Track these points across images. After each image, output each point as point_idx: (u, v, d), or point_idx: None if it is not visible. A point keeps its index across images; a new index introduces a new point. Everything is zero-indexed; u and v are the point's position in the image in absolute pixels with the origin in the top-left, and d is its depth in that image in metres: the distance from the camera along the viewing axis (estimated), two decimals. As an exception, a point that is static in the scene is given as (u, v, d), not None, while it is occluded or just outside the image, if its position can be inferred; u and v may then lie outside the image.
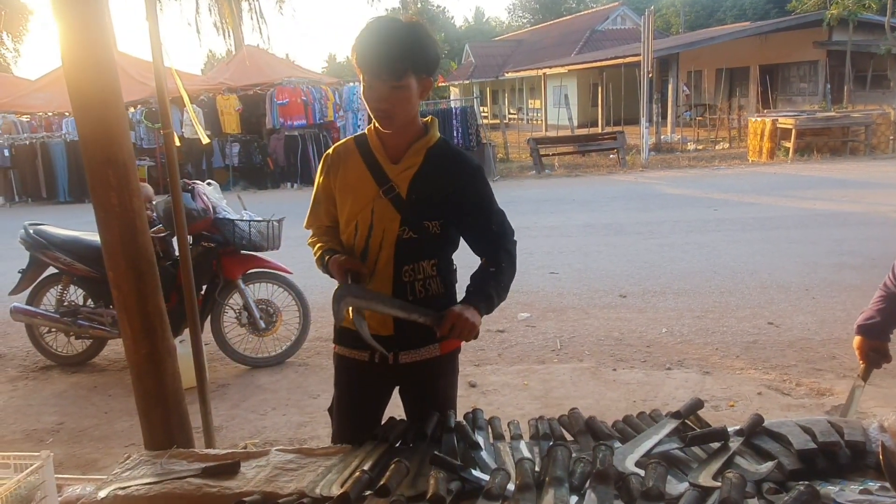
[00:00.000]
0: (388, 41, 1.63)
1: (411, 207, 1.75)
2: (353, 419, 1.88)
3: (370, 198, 1.77)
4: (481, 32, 54.75)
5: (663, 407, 2.72)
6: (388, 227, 1.76)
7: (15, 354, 5.04)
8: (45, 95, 14.52)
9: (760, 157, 14.74)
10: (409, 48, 1.64)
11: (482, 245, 1.86)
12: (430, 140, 1.79)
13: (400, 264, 1.77)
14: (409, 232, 1.76)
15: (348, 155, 1.83)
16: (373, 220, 1.77)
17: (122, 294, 2.07)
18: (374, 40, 1.64)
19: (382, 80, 1.64)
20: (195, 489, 1.55)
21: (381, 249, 1.77)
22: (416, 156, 1.77)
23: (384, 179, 1.76)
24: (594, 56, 26.17)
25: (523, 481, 1.26)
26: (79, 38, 1.97)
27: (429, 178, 1.77)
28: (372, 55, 1.64)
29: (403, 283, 1.78)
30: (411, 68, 1.65)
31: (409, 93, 1.67)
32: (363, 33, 1.66)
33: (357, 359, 1.86)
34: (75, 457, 3.39)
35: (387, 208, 1.75)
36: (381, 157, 1.78)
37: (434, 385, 1.89)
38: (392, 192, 1.75)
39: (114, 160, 2.00)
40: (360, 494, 1.29)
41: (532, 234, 8.53)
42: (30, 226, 4.53)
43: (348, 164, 1.81)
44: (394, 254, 1.77)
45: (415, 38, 1.66)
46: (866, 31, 21.81)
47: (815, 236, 7.36)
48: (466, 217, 1.81)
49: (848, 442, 1.42)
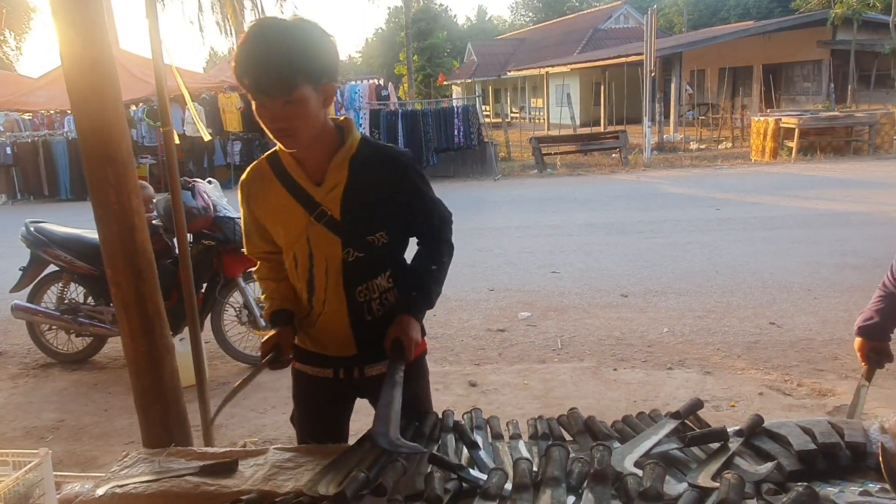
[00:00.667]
0: (269, 51, 1.42)
1: (350, 228, 1.61)
2: (319, 434, 1.80)
3: (302, 226, 1.62)
4: (484, 31, 54.75)
5: (664, 407, 2.71)
6: (330, 253, 1.63)
7: (16, 352, 5.05)
8: (46, 93, 14.53)
9: (763, 157, 14.71)
10: (295, 55, 1.43)
11: (425, 241, 1.75)
12: (350, 148, 1.61)
13: (351, 287, 1.66)
14: (355, 253, 1.63)
15: (265, 181, 1.65)
16: (311, 249, 1.63)
17: (120, 292, 2.07)
18: (253, 53, 1.43)
19: (272, 96, 1.45)
20: (193, 487, 1.55)
21: (327, 277, 1.65)
22: (340, 171, 1.60)
23: (312, 204, 1.60)
24: (597, 55, 26.15)
25: (520, 481, 1.25)
26: (77, 37, 1.97)
27: (360, 190, 1.61)
28: (253, 70, 1.43)
29: (359, 304, 1.68)
30: (303, 78, 1.44)
31: (306, 106, 1.48)
32: (241, 47, 1.45)
33: (320, 376, 1.78)
34: (75, 454, 3.39)
35: (323, 234, 1.61)
36: (302, 180, 1.61)
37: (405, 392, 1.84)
38: (325, 217, 1.60)
39: (112, 158, 2.00)
40: (356, 493, 1.28)
41: (533, 233, 8.53)
42: (31, 223, 4.54)
43: (268, 192, 1.64)
44: (342, 279, 1.65)
45: (300, 42, 1.45)
46: (870, 30, 21.77)
47: (818, 236, 7.34)
48: (408, 216, 1.69)
49: (848, 443, 1.41)
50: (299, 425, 1.88)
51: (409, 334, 1.61)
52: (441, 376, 4.13)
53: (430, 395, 1.92)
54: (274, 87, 1.44)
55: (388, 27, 51.75)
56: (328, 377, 1.78)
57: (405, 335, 1.60)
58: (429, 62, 37.88)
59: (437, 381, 4.07)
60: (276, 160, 1.66)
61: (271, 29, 1.46)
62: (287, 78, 1.43)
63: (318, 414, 1.84)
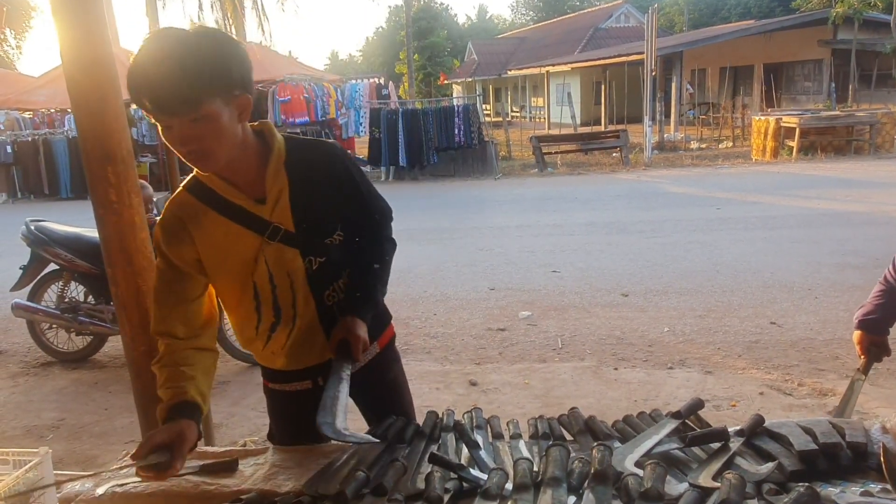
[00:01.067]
0: (169, 65, 1.26)
1: (306, 237, 1.53)
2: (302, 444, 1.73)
3: (255, 250, 1.51)
4: (484, 30, 54.74)
5: (665, 406, 2.71)
6: (291, 267, 1.54)
7: (16, 350, 5.05)
8: (47, 92, 14.54)
9: (764, 156, 14.70)
10: (198, 66, 1.28)
11: (365, 237, 1.65)
12: (279, 153, 1.50)
13: (319, 294, 1.60)
14: (316, 260, 1.56)
15: (195, 215, 1.49)
16: (270, 271, 1.54)
17: (120, 290, 2.07)
18: (150, 68, 1.27)
19: (178, 114, 1.30)
20: (193, 486, 1.54)
21: (294, 293, 1.57)
22: (278, 179, 1.49)
23: (262, 224, 1.49)
24: (597, 54, 26.17)
25: (521, 481, 1.25)
26: (77, 36, 1.97)
27: (304, 195, 1.52)
28: (152, 87, 1.27)
29: (329, 308, 1.62)
30: (210, 91, 1.30)
31: (217, 122, 1.33)
32: (134, 63, 1.29)
33: (299, 389, 1.72)
34: (75, 453, 3.40)
35: (281, 251, 1.52)
36: (242, 202, 1.48)
37: (384, 379, 1.81)
38: (279, 233, 1.50)
39: (112, 157, 2.00)
40: (357, 493, 1.28)
41: (534, 232, 8.53)
42: (31, 222, 4.54)
43: (204, 226, 1.49)
44: (309, 289, 1.58)
45: (203, 51, 1.30)
46: (871, 29, 21.75)
47: (819, 236, 7.34)
48: (352, 214, 1.60)
49: (849, 443, 1.40)
50: (280, 441, 1.81)
51: (356, 333, 1.54)
52: (441, 375, 4.13)
53: (406, 379, 1.91)
54: (178, 104, 1.28)
55: (389, 26, 51.76)
56: (307, 388, 1.71)
57: (351, 335, 1.54)
58: (429, 61, 37.90)
59: (438, 381, 4.07)
60: (201, 188, 1.50)
61: (168, 40, 1.30)
62: (192, 92, 1.28)
63: (298, 428, 1.74)
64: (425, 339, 4.81)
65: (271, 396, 1.82)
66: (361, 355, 1.57)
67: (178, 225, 1.50)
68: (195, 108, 1.30)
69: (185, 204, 1.51)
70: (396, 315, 1.89)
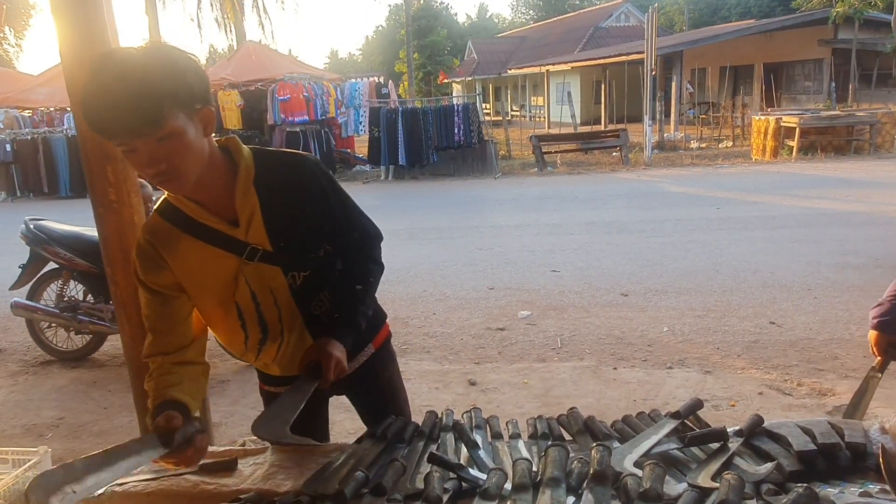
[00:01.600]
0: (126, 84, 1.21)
1: (286, 255, 1.50)
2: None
3: (234, 271, 1.48)
4: (484, 29, 54.70)
5: (664, 406, 2.71)
6: (274, 285, 1.52)
7: (15, 349, 5.05)
8: (46, 90, 14.57)
9: (764, 156, 14.70)
10: (156, 82, 1.23)
11: (347, 256, 1.61)
12: (248, 170, 1.45)
13: (305, 307, 1.57)
14: (300, 275, 1.53)
15: (171, 240, 1.46)
16: (252, 290, 1.51)
17: (119, 289, 2.07)
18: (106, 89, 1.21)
19: (142, 134, 1.24)
20: (192, 486, 1.54)
21: (279, 309, 1.55)
22: (247, 199, 1.45)
23: (239, 246, 1.46)
24: (597, 53, 26.16)
25: (520, 481, 1.25)
26: (77, 34, 1.97)
27: (278, 212, 1.47)
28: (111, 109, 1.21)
29: (317, 318, 1.60)
30: (171, 105, 1.25)
31: (183, 139, 1.29)
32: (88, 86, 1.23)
33: None
34: (75, 452, 3.39)
35: (261, 270, 1.49)
36: (215, 224, 1.45)
37: (380, 379, 1.82)
38: (256, 253, 1.47)
39: (112, 156, 2.00)
40: (355, 493, 1.28)
41: (534, 231, 8.53)
42: (30, 221, 4.54)
43: (179, 251, 1.46)
44: (295, 303, 1.56)
45: (159, 67, 1.25)
46: (872, 29, 21.75)
47: (818, 236, 7.34)
48: (328, 229, 1.55)
49: (848, 443, 1.40)
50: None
51: (329, 353, 1.49)
52: (440, 375, 4.13)
53: (402, 378, 1.91)
54: (141, 125, 1.23)
55: (389, 25, 51.72)
56: None
57: (324, 355, 1.49)
58: (429, 60, 37.85)
59: (437, 380, 4.07)
60: (173, 212, 1.46)
61: (121, 60, 1.24)
62: (154, 110, 1.23)
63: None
64: (424, 339, 4.81)
65: (266, 398, 1.83)
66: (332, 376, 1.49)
67: (152, 252, 1.47)
68: (160, 126, 1.24)
69: (157, 230, 1.48)
70: (395, 314, 1.89)
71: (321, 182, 1.52)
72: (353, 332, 1.58)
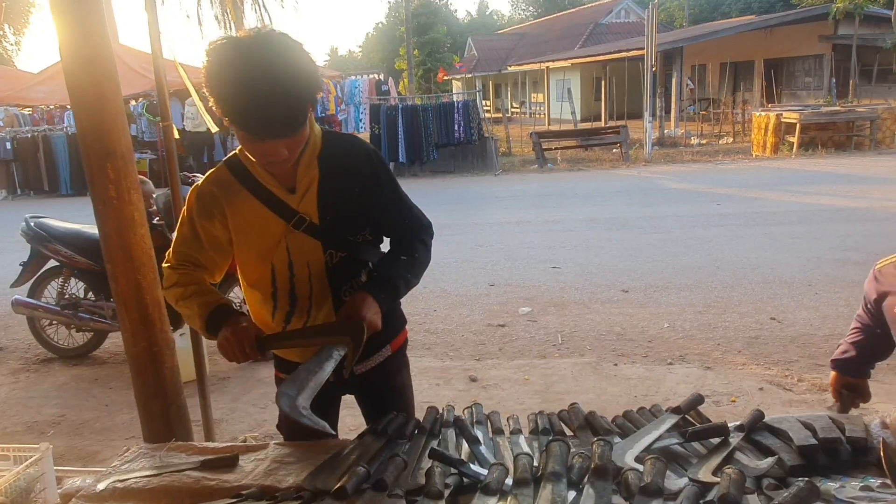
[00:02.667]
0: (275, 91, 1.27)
1: (329, 230, 1.56)
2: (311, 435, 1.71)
3: (279, 235, 1.54)
4: (484, 26, 54.57)
5: (664, 402, 2.71)
6: (312, 258, 1.57)
7: (16, 347, 5.05)
8: (46, 88, 14.52)
9: (764, 152, 14.68)
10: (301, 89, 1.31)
11: (395, 239, 1.68)
12: (315, 146, 1.54)
13: (337, 289, 1.61)
14: (337, 254, 1.58)
15: (230, 191, 1.54)
16: (290, 258, 1.56)
17: (119, 286, 2.07)
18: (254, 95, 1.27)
19: (282, 136, 1.34)
20: (193, 482, 1.54)
21: (311, 284, 1.59)
22: (309, 171, 1.53)
23: (289, 212, 1.53)
24: (598, 50, 26.10)
25: (521, 476, 1.25)
26: (76, 32, 1.96)
27: (333, 189, 1.55)
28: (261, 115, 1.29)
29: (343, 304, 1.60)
30: (307, 109, 1.36)
31: (305, 133, 1.41)
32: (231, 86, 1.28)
33: None
34: (76, 449, 3.40)
35: (303, 241, 1.55)
36: (274, 188, 1.53)
37: (392, 384, 1.81)
38: (303, 223, 1.54)
39: (112, 153, 2.00)
40: (357, 488, 1.28)
41: (534, 228, 8.52)
42: (31, 218, 4.54)
43: (236, 204, 1.54)
44: (327, 282, 1.59)
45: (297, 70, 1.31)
46: (872, 24, 21.69)
47: (819, 232, 7.34)
48: (377, 214, 1.62)
49: (849, 438, 1.41)
50: (287, 431, 1.83)
51: (362, 312, 1.47)
52: (441, 371, 4.13)
53: (412, 384, 1.91)
54: (286, 129, 1.33)
55: (389, 22, 51.60)
56: None
57: (357, 313, 1.47)
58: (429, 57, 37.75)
59: (438, 377, 4.07)
60: (240, 167, 1.55)
61: (261, 60, 1.28)
62: (299, 113, 1.33)
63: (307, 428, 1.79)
64: (425, 336, 4.81)
65: None
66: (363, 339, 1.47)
67: (211, 198, 1.55)
68: (301, 127, 1.35)
69: (222, 179, 1.56)
70: (395, 311, 1.89)
71: (376, 167, 1.61)
72: (390, 294, 1.57)
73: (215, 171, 1.59)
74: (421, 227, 1.68)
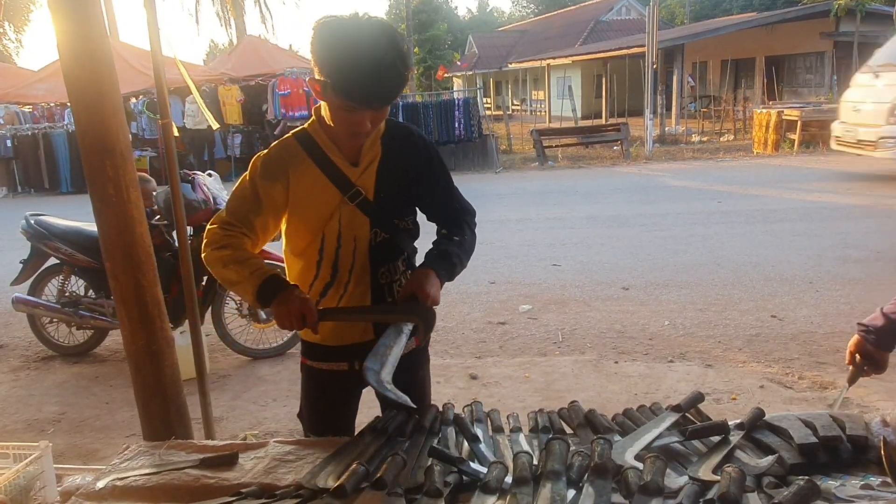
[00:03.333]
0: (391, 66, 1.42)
1: (381, 209, 1.65)
2: (329, 428, 1.80)
3: (334, 206, 1.63)
4: (485, 23, 54.49)
5: (665, 400, 2.70)
6: (359, 233, 1.65)
7: (17, 344, 5.05)
8: (47, 86, 14.51)
9: (765, 149, 14.66)
10: (406, 67, 1.46)
11: (445, 222, 1.78)
12: (380, 127, 1.66)
13: (376, 269, 1.69)
14: (381, 234, 1.67)
15: (296, 159, 1.63)
16: (341, 230, 1.64)
17: (119, 284, 2.06)
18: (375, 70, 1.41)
19: (388, 104, 1.50)
20: (193, 480, 1.54)
21: (354, 259, 1.66)
22: (373, 148, 1.65)
23: (347, 185, 1.62)
24: (598, 47, 26.06)
25: (520, 474, 1.25)
26: (74, 30, 1.96)
27: (391, 170, 1.66)
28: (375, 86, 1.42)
29: (381, 287, 1.71)
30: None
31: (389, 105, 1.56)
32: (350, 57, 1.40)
33: (335, 370, 1.78)
34: (76, 447, 3.40)
35: (355, 214, 1.63)
36: (338, 160, 1.63)
37: (413, 377, 1.83)
38: (358, 197, 1.63)
39: (111, 150, 2.00)
40: (356, 487, 1.28)
41: (535, 225, 8.52)
42: (31, 216, 4.53)
43: (299, 170, 1.62)
44: (369, 260, 1.67)
45: (402, 49, 1.47)
46: (874, 21, 21.60)
47: (820, 229, 7.33)
48: (429, 199, 1.74)
49: (850, 436, 1.40)
50: (309, 421, 1.86)
51: (426, 289, 1.59)
52: (442, 369, 4.13)
53: (430, 383, 1.95)
54: (389, 99, 1.48)
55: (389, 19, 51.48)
56: (343, 370, 1.76)
57: (421, 290, 1.58)
58: (429, 54, 37.73)
59: (438, 374, 4.07)
60: (308, 139, 1.65)
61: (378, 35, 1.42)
62: (400, 88, 1.48)
63: (330, 408, 1.82)
64: (426, 333, 4.80)
65: (307, 374, 1.85)
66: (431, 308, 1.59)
67: (278, 165, 1.62)
68: (393, 101, 1.51)
69: (288, 146, 1.65)
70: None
71: (431, 153, 1.74)
72: (448, 270, 1.67)
73: (282, 140, 1.68)
74: (467, 213, 1.79)
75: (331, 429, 1.79)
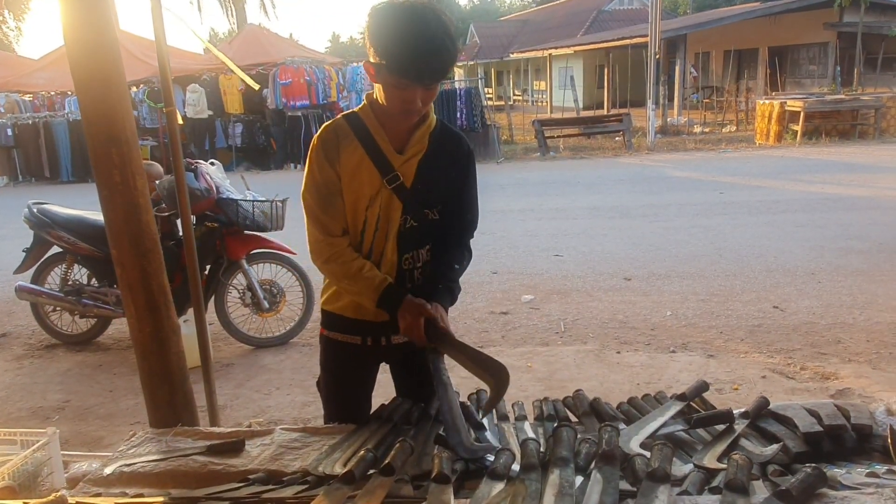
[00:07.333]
0: (443, 43, 1.51)
1: (415, 197, 1.72)
2: (345, 399, 1.90)
3: (375, 188, 1.70)
4: (486, 12, 54.20)
5: (667, 390, 2.71)
6: (392, 217, 1.72)
7: (20, 333, 5.07)
8: (47, 75, 14.46)
9: (768, 141, 14.62)
10: (455, 45, 1.55)
11: (448, 241, 1.83)
12: (431, 123, 1.74)
13: (401, 253, 1.76)
14: (411, 221, 1.74)
15: (345, 139, 1.70)
16: (380, 212, 1.72)
17: (125, 272, 2.06)
18: (427, 45, 1.49)
19: (427, 84, 1.56)
20: (200, 466, 1.56)
21: (386, 240, 1.74)
22: (421, 142, 1.72)
23: (388, 169, 1.69)
24: (601, 37, 25.89)
25: (528, 461, 1.25)
26: (81, 18, 1.95)
27: (432, 165, 1.73)
28: (428, 62, 1.51)
29: (403, 272, 1.78)
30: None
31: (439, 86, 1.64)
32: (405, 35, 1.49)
33: (348, 342, 1.85)
34: (81, 434, 3.42)
35: (390, 199, 1.71)
36: (383, 145, 1.69)
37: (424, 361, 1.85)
38: (396, 182, 1.69)
39: (116, 138, 1.99)
40: (364, 473, 1.29)
41: (537, 216, 8.51)
42: (34, 205, 4.53)
43: (347, 150, 1.70)
44: (397, 244, 1.74)
45: (451, 29, 1.55)
46: (878, 12, 21.49)
47: (822, 220, 7.32)
48: (453, 202, 1.80)
49: (854, 425, 1.41)
50: (325, 390, 1.95)
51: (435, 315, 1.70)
52: (445, 358, 4.14)
53: None
54: (440, 77, 1.55)
55: (390, 8, 51.18)
56: (356, 343, 1.84)
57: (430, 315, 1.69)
58: (431, 44, 37.49)
59: (441, 364, 4.08)
60: (358, 121, 1.71)
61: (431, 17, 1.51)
62: (452, 66, 1.56)
63: (344, 378, 1.91)
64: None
65: (324, 344, 1.93)
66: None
67: (333, 143, 1.70)
68: (444, 79, 1.59)
69: (340, 127, 1.72)
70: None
71: (471, 164, 1.82)
72: (449, 300, 1.80)
73: (333, 121, 1.75)
74: (471, 229, 1.87)
75: (346, 397, 1.89)
